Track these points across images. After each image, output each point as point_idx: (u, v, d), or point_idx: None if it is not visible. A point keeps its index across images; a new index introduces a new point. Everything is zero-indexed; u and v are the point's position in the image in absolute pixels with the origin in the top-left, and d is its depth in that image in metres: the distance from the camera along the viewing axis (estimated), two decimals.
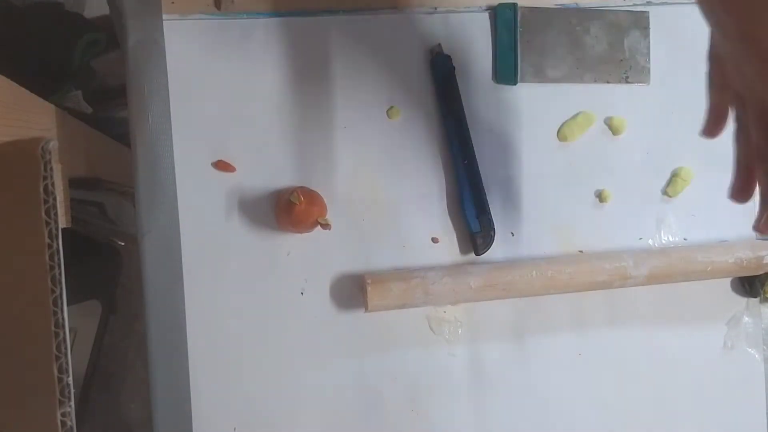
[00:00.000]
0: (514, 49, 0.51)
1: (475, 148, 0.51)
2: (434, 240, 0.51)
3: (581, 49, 0.52)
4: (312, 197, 0.46)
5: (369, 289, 0.46)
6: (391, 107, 0.51)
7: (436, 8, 0.52)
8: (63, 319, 0.40)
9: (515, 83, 0.51)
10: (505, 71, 0.52)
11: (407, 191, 0.51)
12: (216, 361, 0.48)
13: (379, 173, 0.50)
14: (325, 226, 0.46)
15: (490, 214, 0.50)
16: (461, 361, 0.51)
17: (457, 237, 0.51)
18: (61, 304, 0.40)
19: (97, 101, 1.04)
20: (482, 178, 0.51)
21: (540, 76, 0.52)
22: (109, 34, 1.04)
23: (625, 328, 0.53)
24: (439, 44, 0.51)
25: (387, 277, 0.47)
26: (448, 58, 0.51)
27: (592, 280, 0.49)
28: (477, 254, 0.50)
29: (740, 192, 0.42)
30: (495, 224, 0.50)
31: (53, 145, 0.42)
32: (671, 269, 0.50)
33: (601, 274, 0.49)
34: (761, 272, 0.53)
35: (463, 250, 0.51)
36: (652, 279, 0.50)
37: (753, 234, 0.55)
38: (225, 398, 0.48)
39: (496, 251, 0.51)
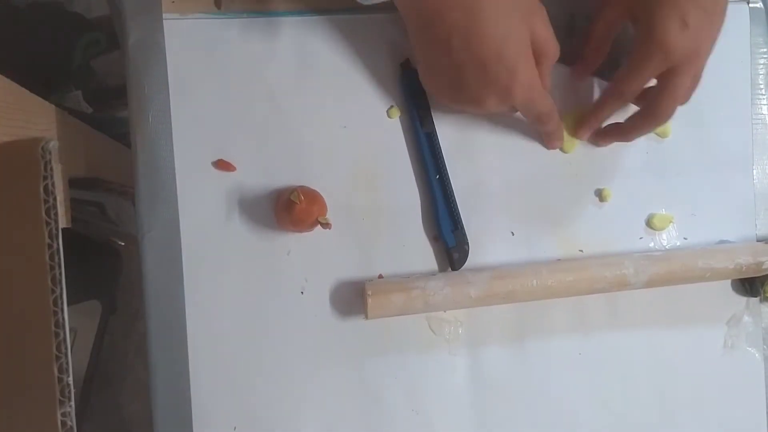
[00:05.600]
0: None
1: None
2: (435, 239, 0.51)
3: None
4: (312, 196, 0.46)
5: (369, 301, 0.46)
6: (391, 107, 0.51)
7: None
8: (63, 319, 0.40)
9: None
10: None
11: (407, 190, 0.51)
12: (216, 362, 0.48)
13: (379, 172, 0.50)
14: (326, 225, 0.46)
15: (463, 228, 0.50)
16: (462, 361, 0.51)
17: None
18: (61, 304, 0.40)
19: (97, 101, 1.04)
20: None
21: None
22: (109, 34, 1.05)
23: (626, 328, 0.53)
24: (408, 59, 0.50)
25: (387, 287, 0.47)
26: (416, 72, 0.49)
27: (592, 287, 0.50)
28: (453, 269, 0.50)
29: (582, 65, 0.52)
30: (468, 238, 0.50)
31: (53, 145, 0.42)
32: (671, 276, 0.50)
33: (601, 282, 0.49)
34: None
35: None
36: (652, 284, 0.51)
37: (753, 235, 0.55)
38: (225, 398, 0.48)
39: (497, 251, 0.51)
